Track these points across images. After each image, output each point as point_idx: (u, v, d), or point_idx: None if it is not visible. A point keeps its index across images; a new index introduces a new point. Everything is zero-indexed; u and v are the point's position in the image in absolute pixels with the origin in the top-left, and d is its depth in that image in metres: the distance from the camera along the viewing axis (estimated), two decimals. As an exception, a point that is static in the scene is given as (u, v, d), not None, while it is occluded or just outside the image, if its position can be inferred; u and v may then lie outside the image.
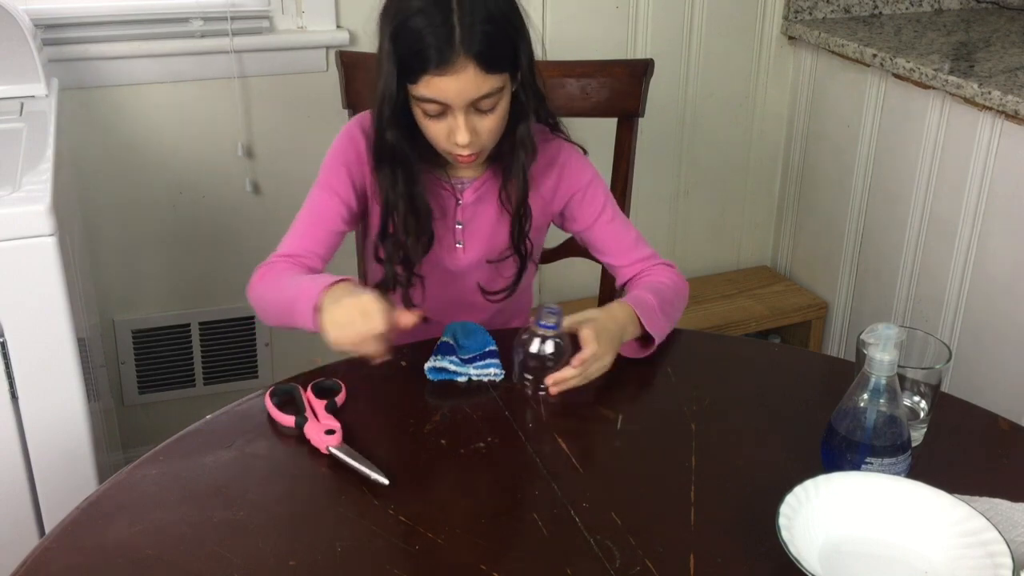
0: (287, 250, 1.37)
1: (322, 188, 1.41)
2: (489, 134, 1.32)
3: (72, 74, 1.96)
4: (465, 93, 1.25)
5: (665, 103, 2.42)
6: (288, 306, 1.26)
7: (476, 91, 1.26)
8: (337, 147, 1.41)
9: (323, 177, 1.41)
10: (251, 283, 1.36)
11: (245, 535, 1.05)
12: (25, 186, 1.43)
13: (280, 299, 1.30)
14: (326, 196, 1.40)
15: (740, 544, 1.04)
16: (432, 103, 1.27)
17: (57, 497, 1.49)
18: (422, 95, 1.27)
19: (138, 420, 2.25)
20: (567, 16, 2.29)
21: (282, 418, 1.21)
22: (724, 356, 1.44)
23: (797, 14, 2.48)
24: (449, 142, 1.30)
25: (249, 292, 1.36)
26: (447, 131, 1.29)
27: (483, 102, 1.27)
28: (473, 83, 1.25)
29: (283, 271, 1.34)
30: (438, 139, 1.31)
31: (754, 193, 2.67)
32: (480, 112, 1.29)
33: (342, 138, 1.41)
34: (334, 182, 1.39)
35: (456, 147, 1.30)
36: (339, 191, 1.39)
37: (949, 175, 2.14)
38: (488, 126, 1.30)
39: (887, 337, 1.08)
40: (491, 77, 1.26)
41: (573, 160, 1.45)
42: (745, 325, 2.47)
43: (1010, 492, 1.09)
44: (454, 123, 1.28)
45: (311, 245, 1.37)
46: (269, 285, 1.33)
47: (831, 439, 1.11)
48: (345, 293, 1.20)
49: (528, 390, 1.28)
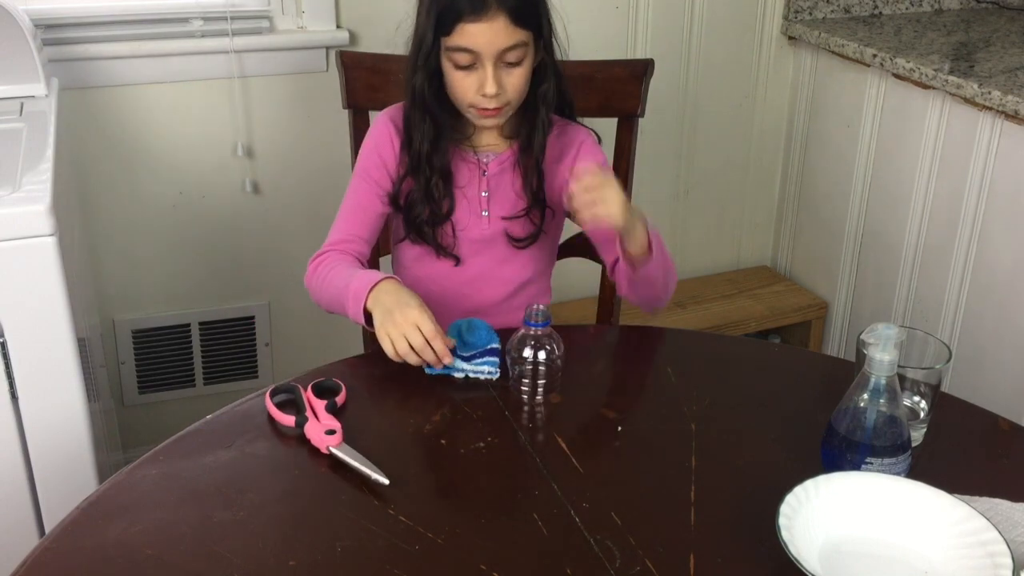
0: (334, 238, 1.48)
1: (358, 176, 1.51)
2: (514, 89, 1.40)
3: (72, 74, 1.96)
4: (496, 42, 1.35)
5: (665, 103, 2.42)
6: (339, 300, 1.38)
7: (506, 40, 1.36)
8: (369, 137, 1.52)
9: (359, 166, 1.51)
10: (307, 276, 1.47)
11: (245, 535, 1.05)
12: (25, 186, 1.43)
13: (331, 292, 1.41)
14: (362, 182, 1.50)
15: (740, 544, 1.04)
16: (464, 52, 1.36)
17: (57, 497, 1.49)
18: (456, 44, 1.36)
19: (138, 420, 2.25)
20: (567, 16, 2.28)
21: (282, 418, 1.21)
22: (724, 356, 1.44)
23: (797, 14, 2.48)
24: (477, 95, 1.39)
25: (306, 279, 1.47)
26: (476, 83, 1.38)
27: (510, 54, 1.37)
28: (504, 32, 1.35)
29: (334, 262, 1.45)
30: (467, 93, 1.40)
31: (754, 193, 2.67)
32: (507, 66, 1.38)
33: (373, 128, 1.52)
34: (369, 168, 1.49)
35: (483, 99, 1.39)
36: (374, 176, 1.49)
37: (949, 175, 2.15)
38: (514, 82, 1.40)
39: (887, 337, 1.08)
40: (519, 31, 1.37)
41: (588, 143, 1.53)
42: (745, 325, 2.47)
43: (1010, 492, 1.09)
44: (483, 74, 1.37)
45: (355, 230, 1.48)
46: (321, 278, 1.44)
47: (831, 439, 1.11)
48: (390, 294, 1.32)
49: (524, 391, 1.28)
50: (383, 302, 1.32)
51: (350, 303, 1.35)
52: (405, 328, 1.28)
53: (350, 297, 1.35)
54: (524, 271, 1.54)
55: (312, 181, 2.19)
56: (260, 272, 2.24)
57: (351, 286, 1.36)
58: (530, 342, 1.27)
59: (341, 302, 1.37)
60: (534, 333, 1.27)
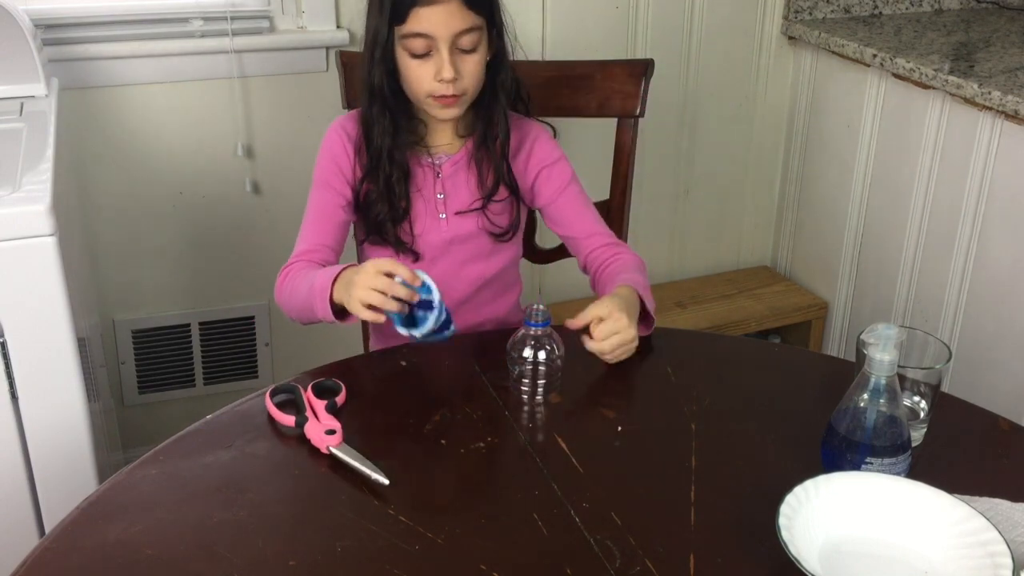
0: (300, 249, 1.47)
1: (318, 186, 1.51)
2: (471, 76, 1.42)
3: (72, 74, 1.96)
4: (451, 24, 1.37)
5: (665, 103, 2.41)
6: (307, 304, 1.35)
7: (460, 23, 1.38)
8: (324, 147, 1.52)
9: (317, 177, 1.51)
10: (275, 290, 1.46)
11: (245, 535, 1.05)
12: (25, 186, 1.43)
13: (299, 300, 1.39)
14: (323, 192, 1.50)
15: (740, 544, 1.04)
16: (419, 37, 1.38)
17: (57, 497, 1.49)
18: (411, 30, 1.38)
19: (138, 420, 2.25)
20: (567, 16, 2.29)
21: (282, 418, 1.21)
22: (724, 356, 1.44)
23: (797, 14, 2.48)
24: (434, 81, 1.40)
25: (277, 300, 1.46)
26: (433, 70, 1.39)
27: (464, 38, 1.39)
28: (457, 15, 1.37)
29: (298, 271, 1.43)
30: (423, 81, 1.41)
31: (754, 193, 2.67)
32: (462, 52, 1.40)
33: (326, 139, 1.52)
34: (328, 177, 1.50)
35: (440, 86, 1.40)
36: (333, 184, 1.49)
37: (949, 175, 2.14)
38: (470, 68, 1.42)
39: (887, 337, 1.08)
40: (471, 14, 1.39)
41: (543, 138, 1.55)
42: (745, 325, 2.47)
43: (1010, 492, 1.09)
44: (439, 60, 1.39)
45: (320, 239, 1.47)
46: (288, 288, 1.43)
47: (831, 439, 1.11)
48: (347, 275, 1.30)
49: (524, 391, 1.28)
50: (343, 281, 1.29)
51: (317, 301, 1.32)
52: (368, 282, 1.24)
53: (316, 296, 1.33)
54: (488, 268, 1.56)
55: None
56: (260, 272, 2.24)
57: (315, 285, 1.34)
58: (530, 342, 1.27)
59: (309, 305, 1.34)
60: (534, 333, 1.27)
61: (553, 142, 1.56)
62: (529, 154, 1.53)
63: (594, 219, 1.56)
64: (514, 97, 1.52)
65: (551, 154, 1.54)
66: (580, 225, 1.55)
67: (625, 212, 1.76)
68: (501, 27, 1.46)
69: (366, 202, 1.49)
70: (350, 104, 1.69)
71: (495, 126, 1.49)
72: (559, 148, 1.56)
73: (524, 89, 1.54)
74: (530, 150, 1.53)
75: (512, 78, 1.50)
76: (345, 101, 1.70)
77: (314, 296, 1.33)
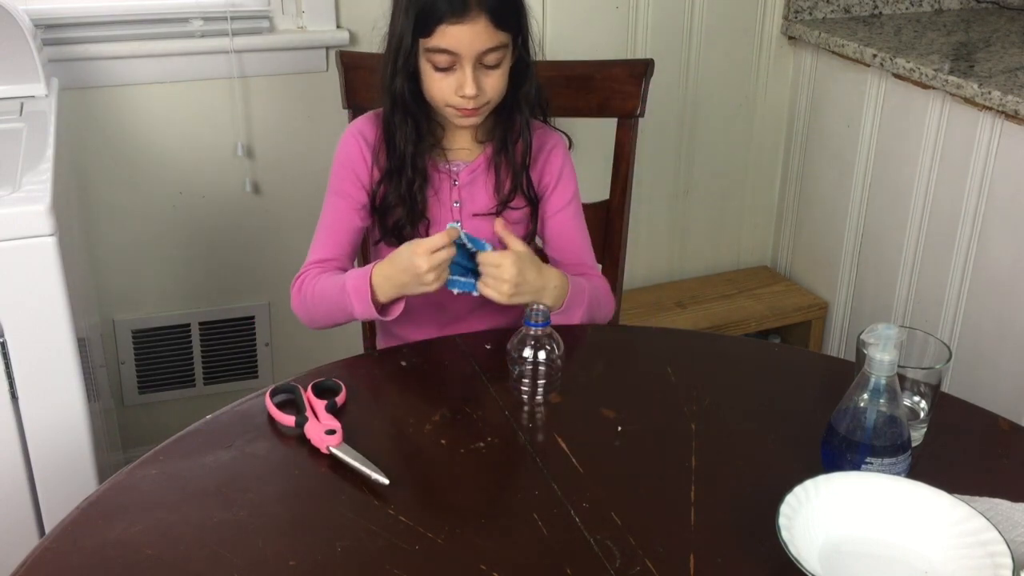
0: (314, 257, 1.48)
1: (333, 192, 1.50)
2: (493, 90, 1.40)
3: (72, 74, 1.96)
4: (477, 44, 1.35)
5: (665, 103, 2.42)
6: (338, 307, 1.39)
7: (486, 42, 1.35)
8: (340, 153, 1.50)
9: (332, 182, 1.50)
10: (292, 295, 1.47)
11: (245, 535, 1.05)
12: (25, 186, 1.43)
13: (327, 305, 1.41)
14: (339, 199, 1.49)
15: (740, 544, 1.04)
16: (443, 54, 1.36)
17: (57, 497, 1.49)
18: (436, 46, 1.36)
19: (138, 420, 2.25)
20: (567, 16, 2.29)
21: (282, 418, 1.21)
22: (724, 356, 1.44)
23: (797, 14, 2.48)
24: (455, 96, 1.38)
25: (292, 304, 1.47)
26: (455, 85, 1.38)
27: (490, 56, 1.37)
28: (484, 34, 1.35)
29: (315, 277, 1.44)
30: (444, 94, 1.39)
31: (754, 193, 2.67)
32: (486, 68, 1.38)
33: (343, 144, 1.50)
34: (344, 185, 1.48)
35: (462, 100, 1.38)
36: (349, 192, 1.48)
37: (949, 175, 2.14)
38: (492, 83, 1.40)
39: (887, 337, 1.08)
40: (499, 33, 1.36)
41: (558, 150, 1.54)
42: (745, 325, 2.47)
43: (1010, 492, 1.09)
44: (462, 76, 1.37)
45: (336, 247, 1.48)
46: (309, 293, 1.44)
47: (831, 439, 1.11)
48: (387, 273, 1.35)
49: (524, 391, 1.28)
50: (391, 282, 1.35)
51: (355, 303, 1.37)
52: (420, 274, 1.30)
53: (352, 296, 1.37)
54: None
55: (312, 181, 2.19)
56: (260, 272, 2.24)
57: (347, 287, 1.37)
58: (530, 342, 1.27)
59: (342, 307, 1.39)
60: (534, 333, 1.27)
61: (567, 155, 1.54)
62: (544, 164, 1.51)
63: (581, 245, 1.55)
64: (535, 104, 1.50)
65: (561, 169, 1.52)
66: (567, 251, 1.53)
67: (625, 212, 1.76)
68: (527, 36, 1.43)
69: (383, 206, 1.47)
70: (350, 104, 1.69)
71: (515, 133, 1.47)
72: (570, 162, 1.54)
73: (544, 95, 1.51)
74: (545, 160, 1.51)
75: (535, 86, 1.47)
76: (345, 101, 1.70)
77: (348, 298, 1.37)
